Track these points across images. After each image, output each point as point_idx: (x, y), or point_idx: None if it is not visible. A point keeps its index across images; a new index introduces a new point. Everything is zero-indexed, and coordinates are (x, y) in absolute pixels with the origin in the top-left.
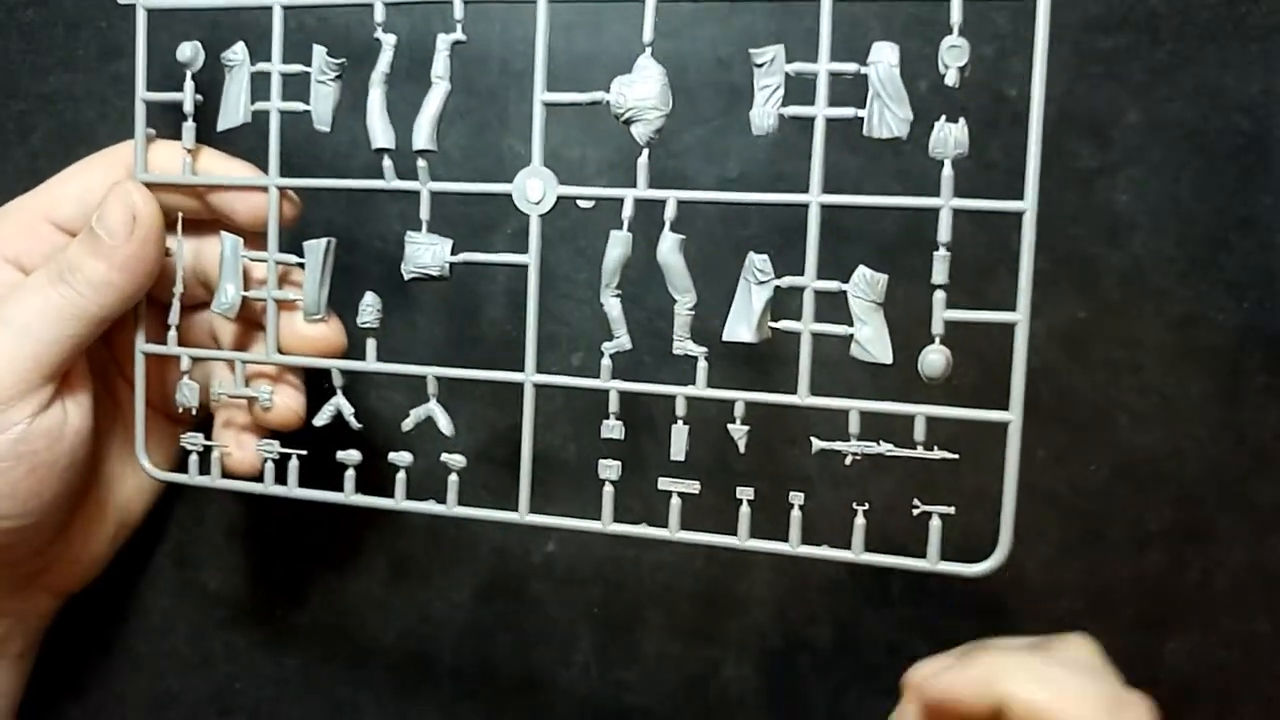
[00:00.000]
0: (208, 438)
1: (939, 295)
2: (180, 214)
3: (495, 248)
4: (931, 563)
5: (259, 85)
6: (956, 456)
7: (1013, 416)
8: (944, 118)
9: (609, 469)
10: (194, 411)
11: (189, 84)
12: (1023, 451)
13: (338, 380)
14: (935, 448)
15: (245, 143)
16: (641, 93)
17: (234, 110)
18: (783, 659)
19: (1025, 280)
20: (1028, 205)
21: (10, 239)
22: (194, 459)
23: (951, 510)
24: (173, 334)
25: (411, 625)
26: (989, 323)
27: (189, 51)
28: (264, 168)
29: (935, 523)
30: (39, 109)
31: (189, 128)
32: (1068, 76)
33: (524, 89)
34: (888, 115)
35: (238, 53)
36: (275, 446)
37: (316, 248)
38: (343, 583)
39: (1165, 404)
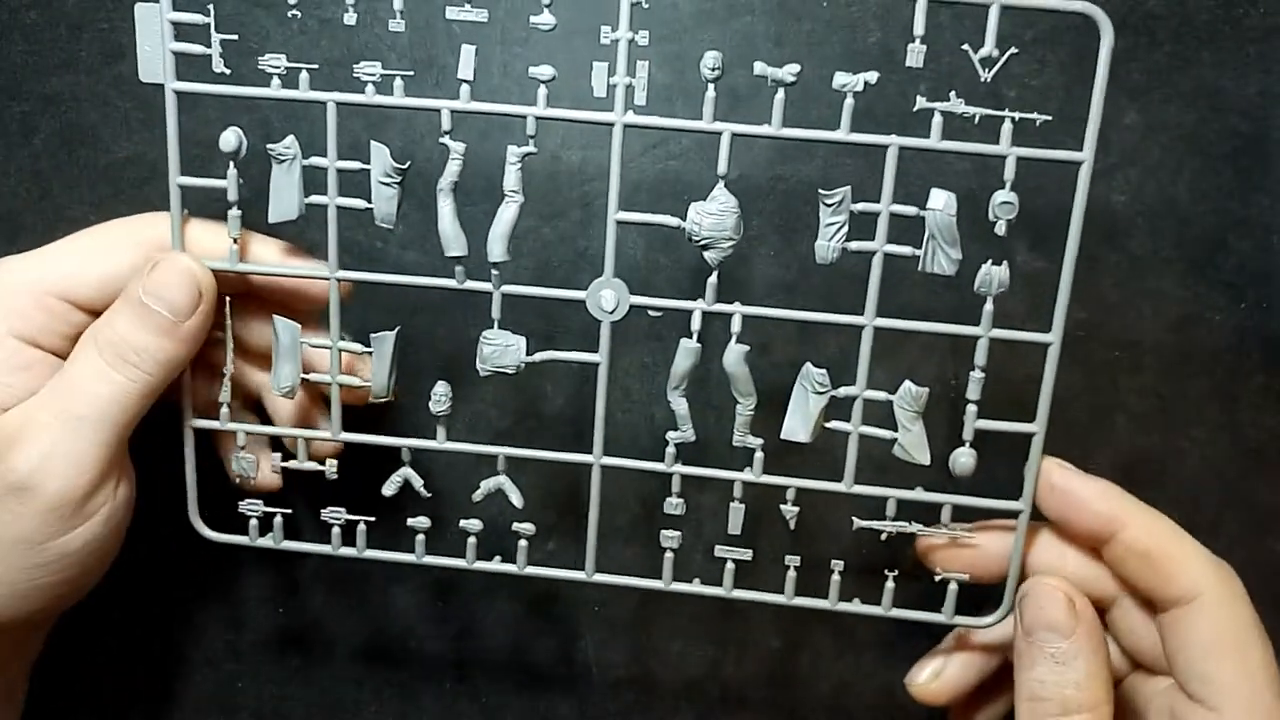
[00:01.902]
0: (267, 504)
1: (971, 409)
2: (228, 297)
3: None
4: (948, 617)
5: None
6: (973, 540)
7: (1024, 507)
8: (990, 261)
9: (670, 539)
10: (252, 481)
11: (232, 173)
12: None
13: (406, 456)
14: (957, 526)
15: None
16: (719, 224)
17: (288, 204)
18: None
19: (1045, 398)
20: (1054, 338)
21: (24, 316)
22: (254, 523)
23: (966, 577)
24: (225, 410)
25: (412, 625)
26: (1011, 432)
27: (233, 140)
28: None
29: (952, 586)
30: (41, 110)
31: (234, 216)
32: (1066, 78)
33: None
34: (940, 255)
35: (289, 146)
36: (343, 514)
37: (385, 339)
38: (344, 582)
39: (1164, 404)
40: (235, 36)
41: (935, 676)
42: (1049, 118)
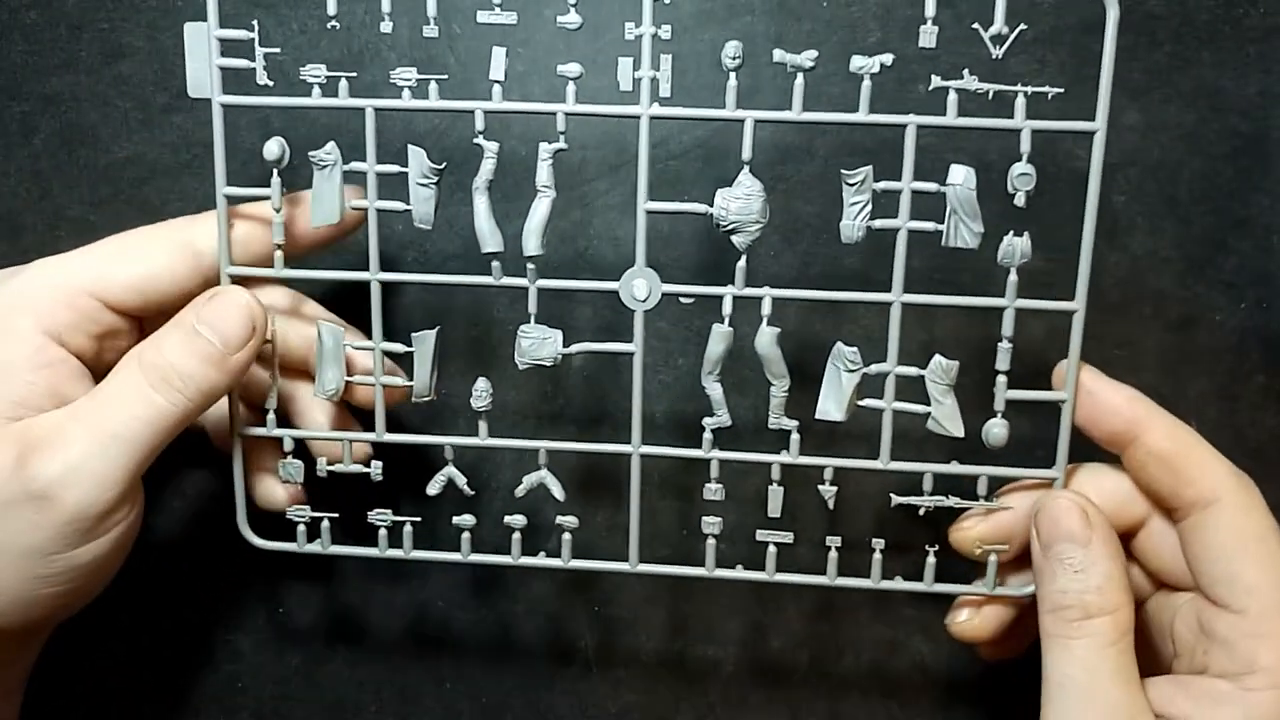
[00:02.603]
0: (314, 509)
1: (1001, 379)
2: (273, 311)
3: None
4: (990, 588)
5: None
6: (1011, 508)
7: (1058, 474)
8: (1011, 233)
9: (711, 524)
10: (300, 484)
11: (276, 181)
12: None
13: (449, 454)
14: (995, 497)
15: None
16: (745, 208)
17: (330, 208)
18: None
19: (1073, 365)
20: (1078, 305)
21: (52, 312)
22: (301, 529)
23: (1006, 547)
24: (271, 416)
25: (413, 624)
26: (1039, 400)
27: (275, 149)
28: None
29: (993, 559)
30: (41, 110)
31: (279, 223)
32: (1066, 78)
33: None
34: (963, 229)
35: (330, 152)
36: (389, 515)
37: (426, 338)
38: (345, 582)
39: (1164, 404)
40: (278, 50)
41: (975, 615)
42: (1060, 89)
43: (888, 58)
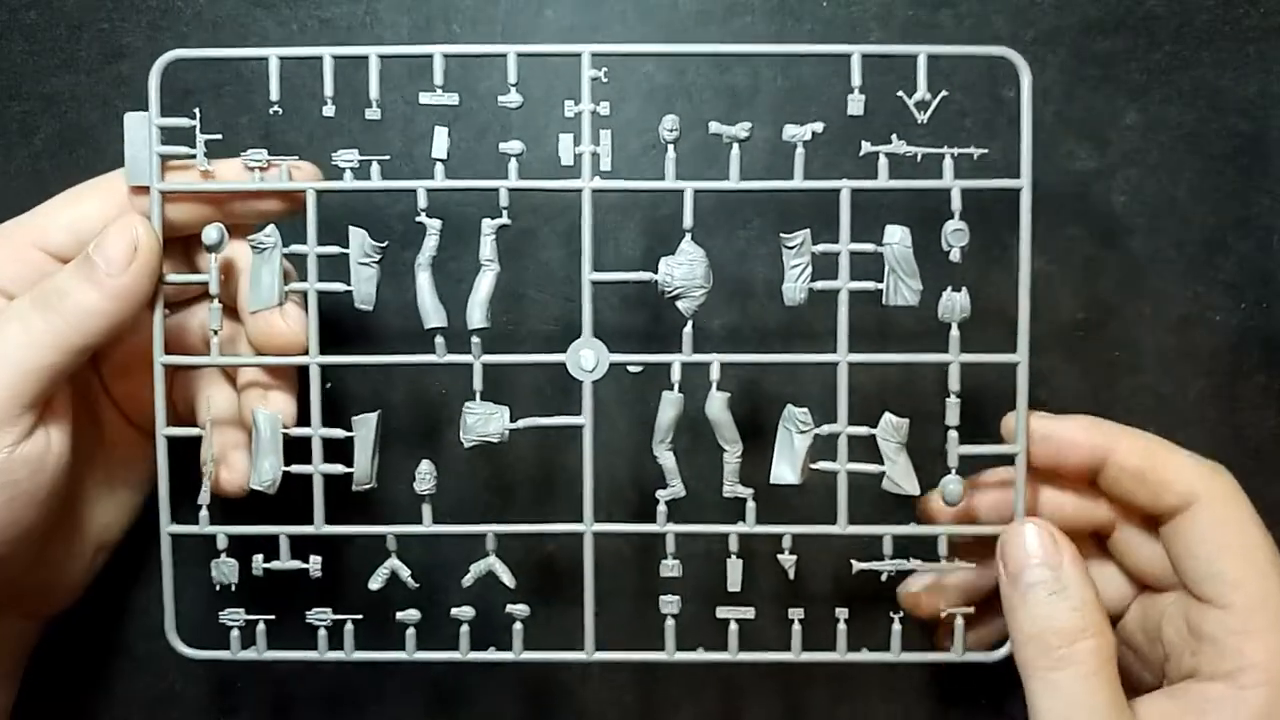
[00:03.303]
0: (249, 611)
1: (953, 435)
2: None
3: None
4: (958, 654)
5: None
6: (973, 566)
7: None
8: (949, 288)
9: (669, 604)
10: (233, 588)
11: (214, 265)
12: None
13: (391, 545)
14: (956, 559)
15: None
16: (689, 274)
17: (268, 293)
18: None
19: (1021, 419)
20: (1020, 358)
21: (1, 265)
22: (235, 634)
23: (971, 610)
24: (204, 513)
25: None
26: (991, 455)
27: (214, 235)
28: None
29: (959, 622)
30: (41, 110)
31: (216, 309)
32: (1066, 78)
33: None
34: (902, 287)
35: (270, 235)
36: (329, 614)
37: (367, 422)
38: (345, 582)
39: (1164, 404)
40: (219, 136)
41: (923, 589)
42: (985, 150)
43: (819, 125)
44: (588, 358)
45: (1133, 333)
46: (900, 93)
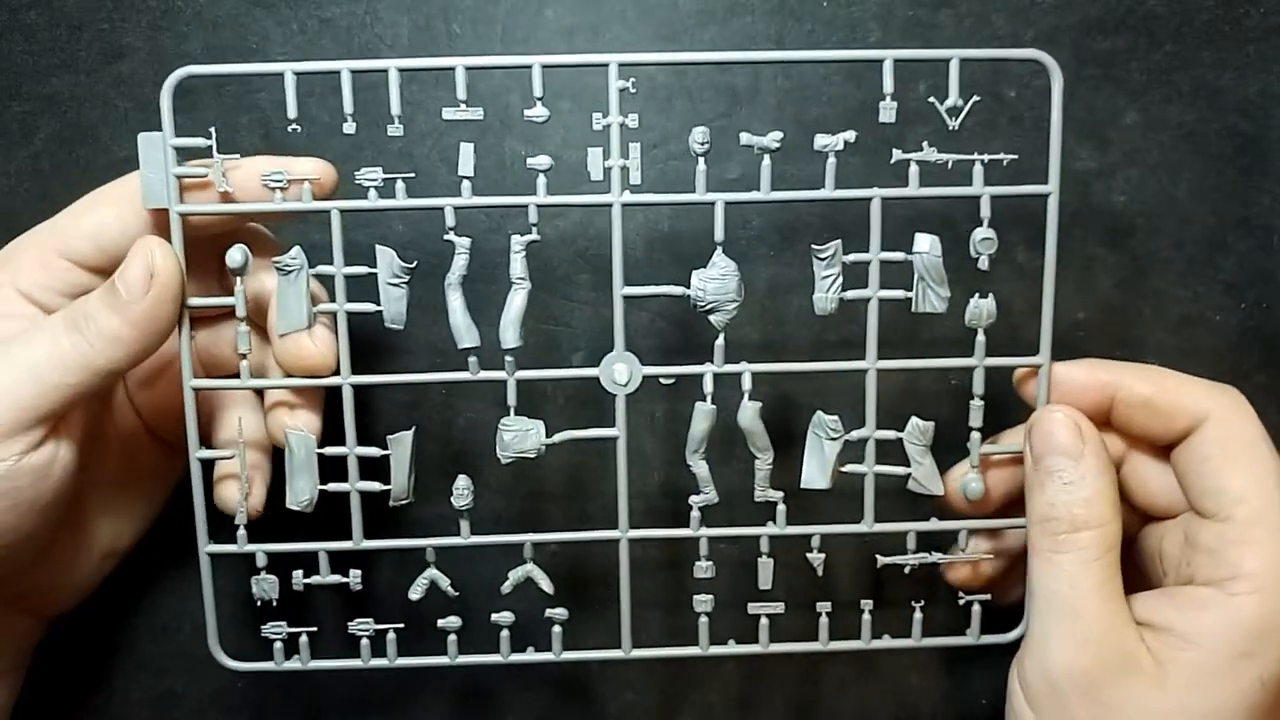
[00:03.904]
0: (291, 624)
1: (975, 435)
2: (240, 416)
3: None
4: (974, 638)
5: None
6: (991, 557)
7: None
8: (977, 295)
9: (703, 603)
10: (274, 603)
11: (240, 290)
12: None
13: (430, 556)
14: (977, 549)
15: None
16: (722, 287)
17: (296, 316)
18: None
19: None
20: (1043, 360)
21: (26, 272)
22: (278, 646)
23: (988, 597)
24: (241, 532)
25: (414, 622)
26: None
27: (239, 258)
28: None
29: (976, 608)
30: (41, 110)
31: (243, 331)
32: (1066, 78)
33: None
34: (931, 295)
35: (295, 257)
36: (370, 624)
37: (403, 440)
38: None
39: None
40: (237, 156)
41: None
42: (1015, 156)
43: (850, 134)
44: (621, 371)
45: (1133, 333)
46: (932, 99)
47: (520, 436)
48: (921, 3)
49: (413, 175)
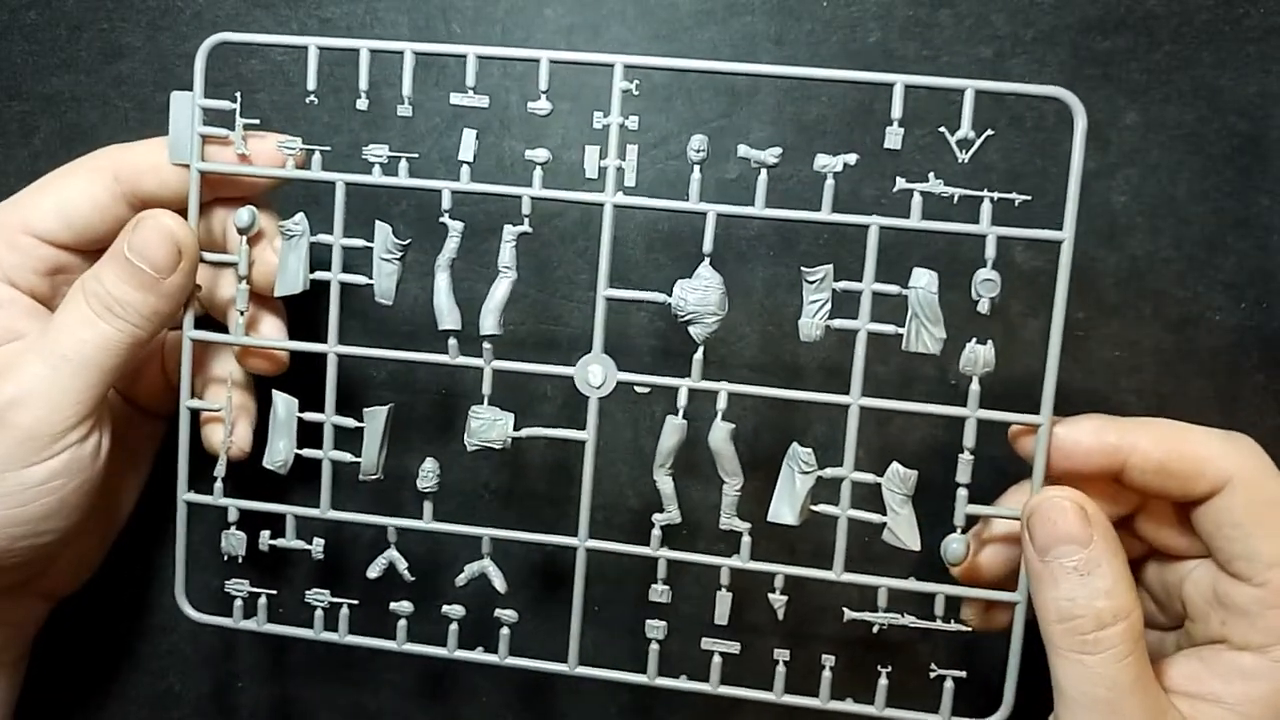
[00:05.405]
0: (253, 584)
1: (961, 493)
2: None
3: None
4: (944, 718)
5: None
6: (970, 629)
7: (1019, 598)
8: (974, 340)
9: (656, 629)
10: (240, 560)
11: (244, 249)
12: None
13: (392, 536)
14: (951, 620)
15: None
16: (703, 300)
17: (294, 278)
18: None
19: (1038, 477)
20: (1043, 419)
21: None
22: (238, 603)
23: (964, 674)
24: (219, 485)
25: (414, 621)
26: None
27: (246, 218)
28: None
29: (949, 684)
30: (41, 110)
31: (243, 290)
32: (1066, 78)
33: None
34: (924, 334)
35: (299, 223)
36: (326, 596)
37: (377, 415)
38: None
39: (1163, 404)
40: (258, 121)
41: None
42: (1028, 198)
43: (851, 157)
44: (595, 373)
45: (1133, 333)
46: (942, 128)
47: (488, 425)
48: (921, 2)
49: (416, 156)
